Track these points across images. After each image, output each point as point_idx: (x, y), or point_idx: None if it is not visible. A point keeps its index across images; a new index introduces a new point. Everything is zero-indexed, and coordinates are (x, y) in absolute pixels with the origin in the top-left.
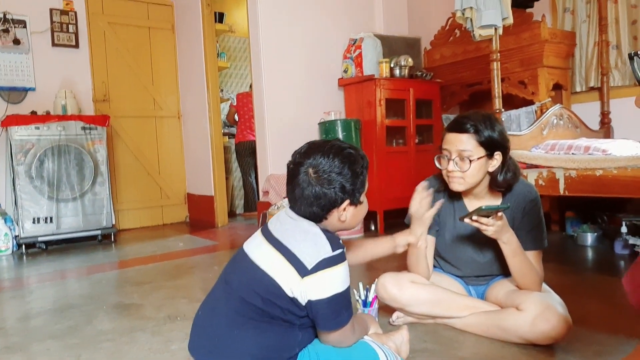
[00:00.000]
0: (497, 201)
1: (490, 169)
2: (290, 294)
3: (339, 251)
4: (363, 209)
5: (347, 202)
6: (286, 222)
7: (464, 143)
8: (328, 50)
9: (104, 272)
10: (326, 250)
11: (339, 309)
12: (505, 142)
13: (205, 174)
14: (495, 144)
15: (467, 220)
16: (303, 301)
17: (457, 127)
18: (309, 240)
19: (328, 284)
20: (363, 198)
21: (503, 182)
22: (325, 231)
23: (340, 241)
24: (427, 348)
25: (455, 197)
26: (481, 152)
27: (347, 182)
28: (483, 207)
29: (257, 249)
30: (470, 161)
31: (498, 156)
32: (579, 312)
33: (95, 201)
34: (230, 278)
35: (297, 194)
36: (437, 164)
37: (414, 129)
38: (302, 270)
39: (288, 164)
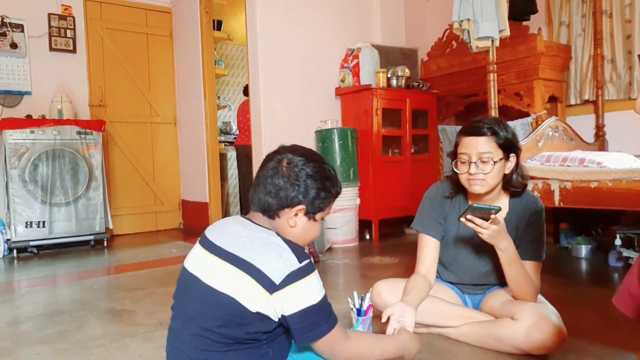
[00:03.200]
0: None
1: (506, 171)
2: (254, 311)
3: (306, 262)
4: (314, 229)
5: (302, 207)
6: (240, 233)
7: (484, 145)
8: (325, 60)
9: (96, 277)
10: (292, 263)
11: (315, 320)
12: (518, 144)
13: (200, 181)
14: (511, 146)
15: (462, 219)
16: (275, 317)
17: (476, 130)
18: (272, 253)
19: (300, 297)
20: (319, 217)
21: (517, 182)
22: (288, 242)
23: (305, 250)
24: (421, 358)
25: (463, 202)
26: (500, 154)
27: (312, 189)
28: (475, 205)
29: (209, 269)
30: (494, 162)
31: (513, 158)
32: (574, 323)
33: (89, 206)
34: (187, 307)
35: (261, 179)
36: (455, 169)
37: (410, 139)
38: (270, 286)
39: (277, 150)
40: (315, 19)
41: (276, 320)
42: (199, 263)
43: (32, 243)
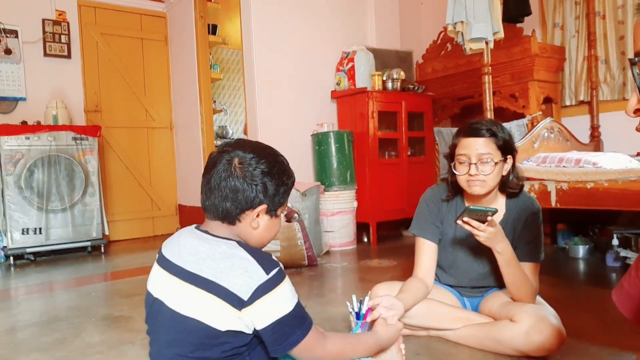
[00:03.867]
0: (498, 209)
1: (504, 173)
2: (223, 329)
3: (274, 271)
4: (276, 225)
5: (264, 207)
6: (198, 249)
7: (484, 147)
8: (321, 63)
9: (93, 283)
10: (259, 276)
11: (288, 330)
12: (514, 146)
13: (197, 185)
14: (509, 148)
15: (459, 222)
16: (248, 330)
17: (475, 132)
18: (236, 268)
19: (271, 309)
20: (280, 212)
21: (514, 184)
22: (252, 251)
23: (273, 257)
24: None
25: (459, 204)
26: (499, 155)
27: (271, 185)
28: (471, 207)
29: (172, 292)
30: (496, 163)
31: (510, 160)
32: (572, 324)
33: (86, 212)
34: (159, 335)
35: (213, 184)
36: (454, 170)
37: (406, 141)
38: (239, 304)
39: (211, 153)
40: (310, 22)
41: (250, 333)
42: (162, 286)
43: (28, 250)
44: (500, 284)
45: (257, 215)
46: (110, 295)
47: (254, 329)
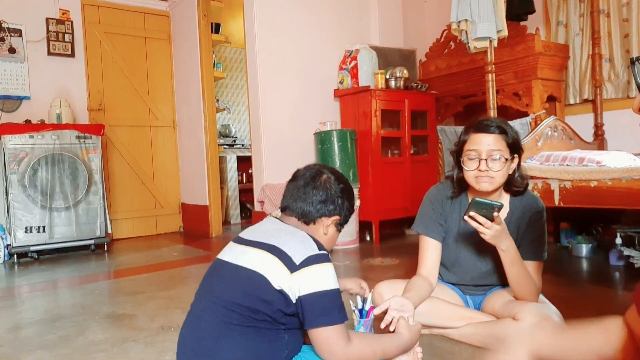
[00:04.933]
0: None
1: (510, 171)
2: (277, 287)
3: (325, 251)
4: (336, 238)
5: (337, 218)
6: (268, 228)
7: (495, 143)
8: (324, 62)
9: (96, 282)
10: (313, 248)
11: (329, 306)
12: (521, 145)
13: (200, 184)
14: (517, 146)
15: (466, 217)
16: (293, 297)
17: (486, 128)
18: (296, 239)
19: (317, 279)
20: (341, 229)
21: (519, 182)
22: (311, 236)
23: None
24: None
25: (464, 202)
26: (508, 153)
27: (346, 203)
28: (477, 199)
29: (239, 254)
30: (506, 160)
31: (516, 158)
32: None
33: (89, 210)
34: (213, 286)
35: (299, 189)
36: (463, 166)
37: (409, 140)
38: (291, 266)
39: (306, 166)
40: (313, 21)
41: (294, 301)
42: (230, 252)
43: (32, 248)
44: (503, 282)
45: (329, 225)
46: (113, 293)
47: (298, 298)
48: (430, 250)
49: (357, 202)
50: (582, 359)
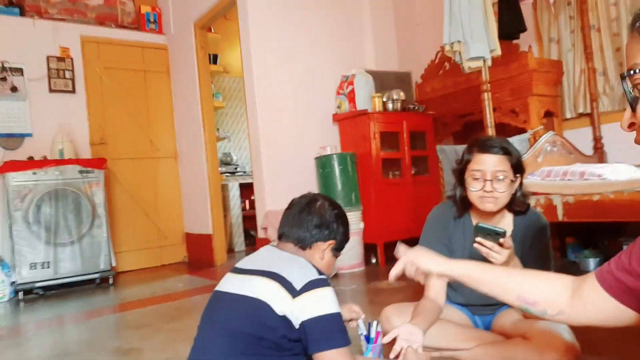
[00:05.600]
0: (505, 226)
1: (512, 191)
2: (280, 312)
3: (324, 276)
4: (333, 264)
5: (332, 242)
6: (266, 256)
7: (501, 164)
8: (321, 87)
9: (102, 316)
10: (313, 273)
11: (332, 329)
12: (523, 164)
13: (202, 213)
14: (520, 166)
15: (475, 245)
16: (296, 323)
17: (491, 149)
18: (295, 265)
19: (319, 303)
20: (337, 255)
21: (522, 202)
22: (309, 262)
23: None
24: None
25: (467, 221)
26: (512, 174)
27: (341, 228)
28: (480, 225)
29: (239, 284)
30: (512, 181)
31: (519, 178)
32: (586, 339)
33: (93, 244)
34: (215, 317)
35: (295, 216)
36: (469, 186)
37: (410, 161)
38: (292, 291)
39: (301, 195)
40: (309, 48)
41: (297, 326)
42: (228, 283)
43: (37, 284)
44: None
45: (325, 250)
46: (120, 328)
47: (301, 323)
48: None
49: (361, 225)
50: None
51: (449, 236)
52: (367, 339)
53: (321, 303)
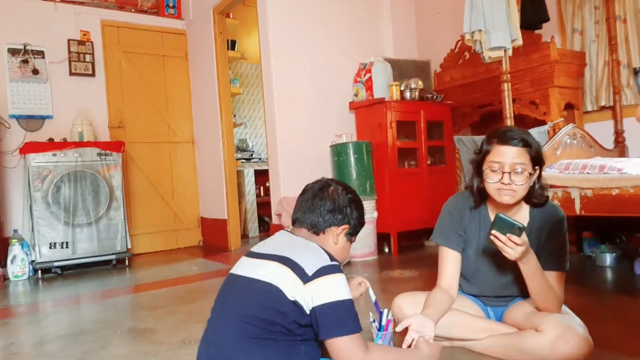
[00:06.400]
0: (522, 218)
1: (531, 183)
2: (291, 298)
3: (336, 262)
4: (348, 249)
5: (346, 227)
6: (280, 241)
7: (520, 157)
8: (338, 75)
9: (118, 296)
10: (325, 259)
11: (343, 316)
12: (543, 157)
13: (218, 198)
14: (539, 159)
15: (492, 238)
16: (307, 308)
17: (511, 141)
18: (308, 250)
19: (330, 289)
20: (352, 240)
21: (539, 194)
22: (322, 247)
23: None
24: None
25: (484, 213)
26: (531, 166)
27: (355, 212)
28: (500, 215)
29: (252, 268)
30: (530, 174)
31: (537, 170)
32: (600, 334)
33: (110, 226)
34: (228, 300)
35: (308, 202)
36: (487, 178)
37: (426, 151)
38: (304, 276)
39: (315, 181)
40: (327, 35)
41: (307, 312)
42: (242, 267)
43: (56, 264)
44: (524, 293)
45: (340, 233)
46: (135, 308)
47: (312, 309)
48: (450, 262)
49: (375, 214)
50: None
51: (464, 227)
52: (379, 326)
53: (332, 289)
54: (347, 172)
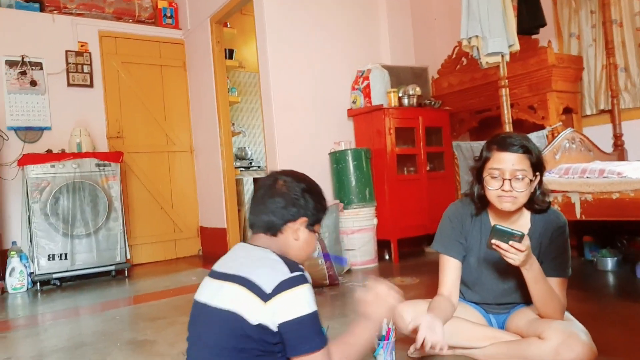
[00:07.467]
0: (523, 224)
1: (532, 189)
2: (255, 322)
3: (297, 273)
4: (313, 241)
5: (304, 220)
6: (239, 255)
7: (520, 163)
8: (336, 82)
9: (117, 308)
10: (284, 272)
11: (307, 332)
12: (544, 162)
13: (217, 207)
14: (540, 165)
15: (493, 246)
16: (273, 327)
17: (510, 147)
18: (265, 266)
19: (291, 305)
20: (316, 230)
21: (541, 200)
22: (282, 257)
23: (301, 266)
24: None
25: (485, 220)
26: (532, 172)
27: (311, 201)
28: (497, 227)
29: (212, 293)
30: (531, 181)
31: (538, 176)
32: (603, 340)
33: (109, 237)
34: (198, 332)
35: (260, 202)
36: (487, 185)
37: (425, 157)
38: (263, 296)
39: (265, 177)
40: (324, 43)
41: (275, 330)
42: (206, 291)
43: (54, 275)
44: (526, 300)
45: (298, 228)
46: (134, 319)
47: (277, 327)
48: (450, 270)
49: (375, 221)
50: None
51: (466, 234)
52: (379, 335)
53: (293, 305)
54: (346, 179)
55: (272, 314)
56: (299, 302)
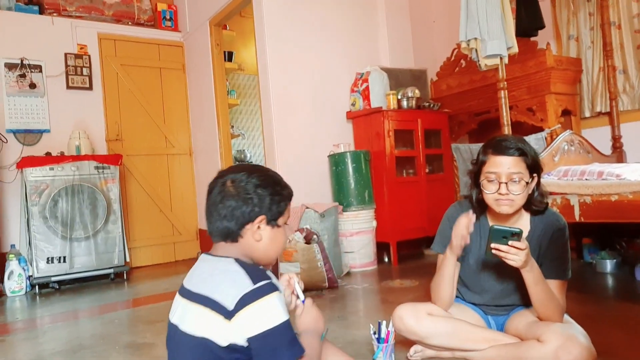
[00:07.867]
0: (523, 226)
1: (529, 191)
2: (225, 343)
3: (261, 283)
4: (281, 235)
5: (262, 217)
6: (203, 270)
7: (516, 166)
8: (335, 85)
9: (116, 311)
10: (246, 285)
11: (276, 345)
12: (541, 164)
13: None
14: (536, 166)
15: (494, 251)
16: (244, 343)
17: (506, 150)
18: (227, 281)
19: (256, 319)
20: (282, 223)
21: (539, 201)
22: (246, 266)
23: (267, 272)
24: None
25: (484, 222)
26: (528, 175)
27: (265, 197)
28: (495, 227)
29: (181, 315)
30: (527, 183)
31: (535, 178)
32: (603, 342)
33: (108, 239)
34: (175, 356)
35: (211, 208)
36: (484, 189)
37: (424, 159)
38: (226, 313)
39: (217, 176)
40: (323, 46)
41: (247, 345)
42: (177, 312)
43: (53, 278)
44: (525, 302)
45: (258, 228)
46: (133, 322)
47: (247, 341)
48: None
49: (374, 223)
50: None
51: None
52: (378, 339)
53: (259, 318)
54: (345, 182)
55: (239, 331)
56: (264, 314)
